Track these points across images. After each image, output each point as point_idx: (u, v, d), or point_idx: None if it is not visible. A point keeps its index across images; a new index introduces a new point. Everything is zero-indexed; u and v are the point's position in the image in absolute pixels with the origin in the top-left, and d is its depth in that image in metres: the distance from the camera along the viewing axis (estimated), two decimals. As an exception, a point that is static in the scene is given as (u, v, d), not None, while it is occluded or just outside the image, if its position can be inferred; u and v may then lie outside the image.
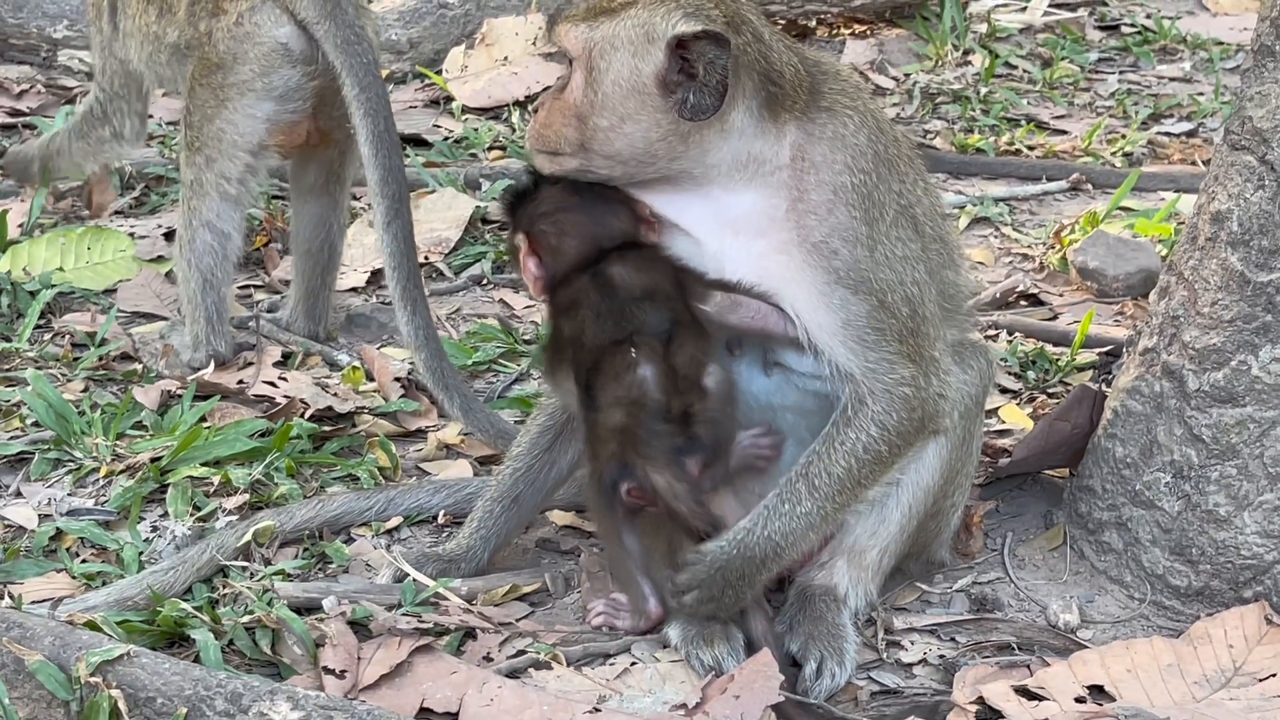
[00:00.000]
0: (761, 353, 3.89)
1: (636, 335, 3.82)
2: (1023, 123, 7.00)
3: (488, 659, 3.87)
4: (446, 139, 6.67)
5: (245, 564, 4.15)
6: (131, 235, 5.79)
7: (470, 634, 3.94)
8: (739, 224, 3.79)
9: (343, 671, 3.74)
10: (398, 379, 5.00)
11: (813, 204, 3.76)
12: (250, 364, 5.10)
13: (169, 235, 5.83)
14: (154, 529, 4.36)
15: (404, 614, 3.93)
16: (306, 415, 4.78)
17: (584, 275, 3.87)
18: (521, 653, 3.89)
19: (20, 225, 5.77)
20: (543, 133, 3.83)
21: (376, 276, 5.69)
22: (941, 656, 3.94)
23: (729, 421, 3.85)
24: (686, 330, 3.84)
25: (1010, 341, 5.30)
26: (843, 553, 3.99)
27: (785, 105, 3.77)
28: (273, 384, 4.95)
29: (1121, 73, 7.58)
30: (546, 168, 3.89)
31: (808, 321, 3.79)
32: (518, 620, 4.03)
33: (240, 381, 4.96)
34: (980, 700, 3.75)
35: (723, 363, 3.88)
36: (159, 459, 4.55)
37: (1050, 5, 8.05)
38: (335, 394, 4.92)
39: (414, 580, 4.04)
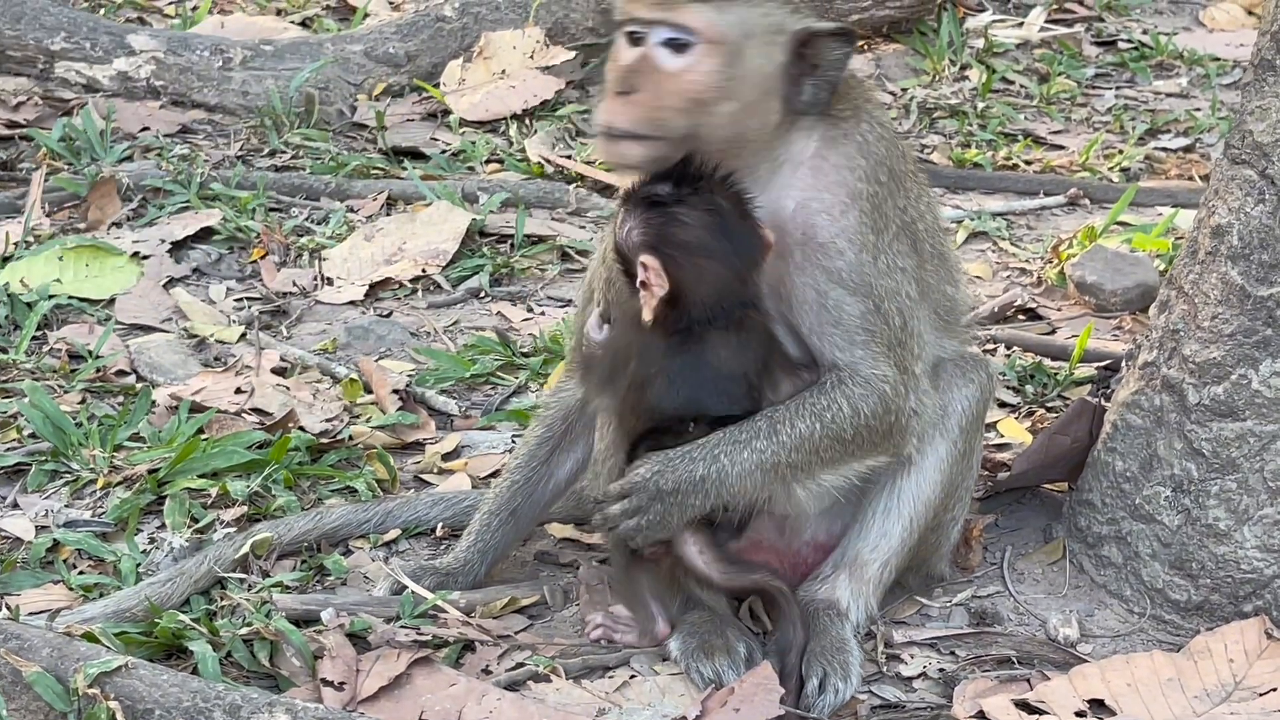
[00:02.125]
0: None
1: (699, 419, 3.79)
2: (1020, 138, 7.00)
3: (486, 671, 3.86)
4: (444, 152, 6.67)
5: (243, 576, 4.14)
6: (137, 254, 5.77)
7: (469, 646, 3.93)
8: None
9: (341, 684, 3.74)
10: (395, 391, 4.99)
11: (826, 204, 3.78)
12: (249, 367, 5.10)
13: (173, 249, 5.82)
14: (151, 541, 4.35)
15: (402, 626, 3.93)
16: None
17: (679, 333, 3.76)
18: (520, 665, 3.89)
19: (15, 244, 5.75)
20: (651, 116, 3.71)
21: (375, 289, 5.69)
22: (941, 670, 3.94)
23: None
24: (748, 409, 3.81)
25: (1009, 356, 5.30)
26: (844, 566, 3.99)
27: (835, 109, 3.83)
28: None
29: (1118, 88, 7.58)
30: (633, 154, 3.75)
31: (801, 317, 3.80)
32: (516, 633, 4.02)
33: (238, 390, 4.95)
34: (980, 714, 3.75)
35: None
36: (156, 471, 4.54)
37: (1047, 21, 8.05)
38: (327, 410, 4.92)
39: (412, 593, 4.03)
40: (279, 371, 5.15)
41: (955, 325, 4.10)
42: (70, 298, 5.51)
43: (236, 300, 5.63)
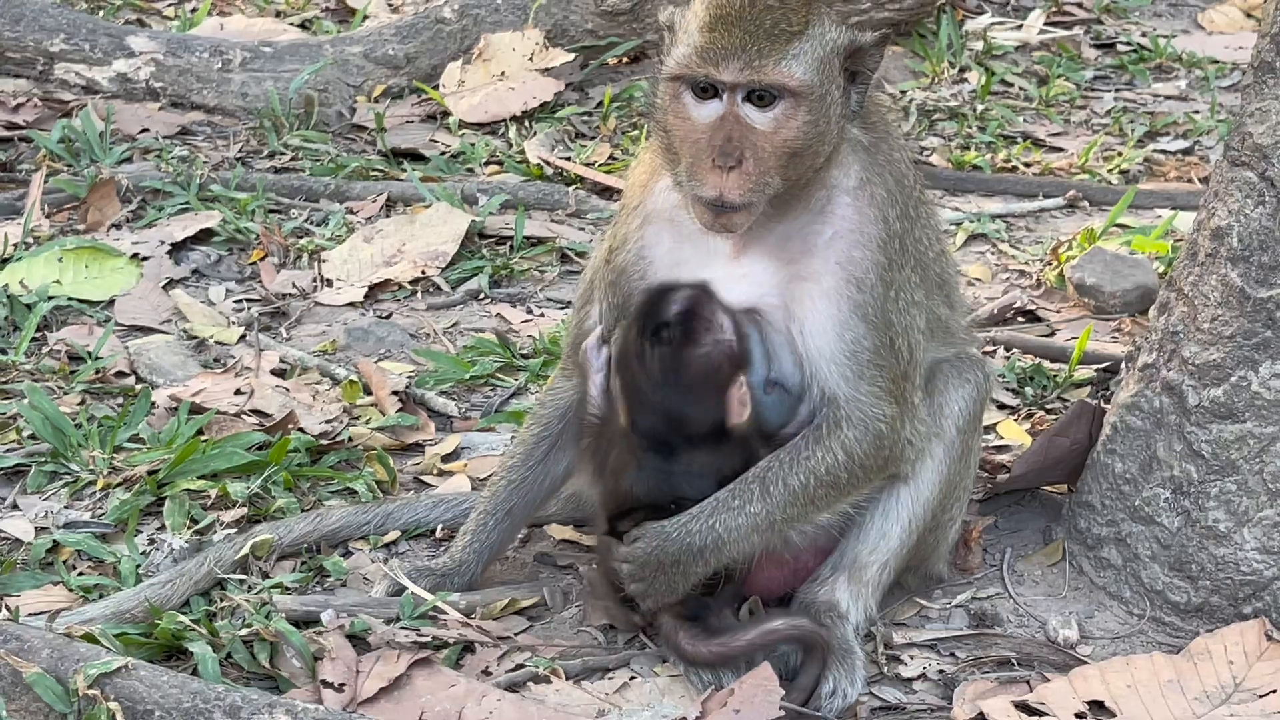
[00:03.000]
0: (764, 372, 3.89)
1: (680, 502, 3.83)
2: (1019, 140, 7.00)
3: (486, 673, 3.86)
4: (443, 154, 6.67)
5: (243, 577, 4.14)
6: (136, 255, 5.77)
7: (469, 648, 3.93)
8: (774, 248, 3.80)
9: (341, 685, 3.74)
10: (395, 393, 4.99)
11: (867, 237, 3.78)
12: (249, 369, 5.10)
13: (172, 250, 5.82)
14: (151, 542, 4.35)
15: (402, 628, 3.93)
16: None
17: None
18: (520, 666, 3.89)
19: (15, 245, 5.75)
20: (761, 182, 3.68)
21: (375, 291, 5.69)
22: (941, 672, 3.94)
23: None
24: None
25: (1008, 357, 5.30)
26: (844, 568, 3.99)
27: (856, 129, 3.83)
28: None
29: (1117, 90, 7.58)
30: (742, 222, 3.73)
31: (811, 345, 3.80)
32: (516, 634, 4.03)
33: (238, 392, 4.95)
34: (980, 716, 3.75)
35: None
36: (156, 472, 4.54)
37: (1046, 23, 8.05)
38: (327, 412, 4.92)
39: (412, 594, 4.03)
40: (278, 373, 5.15)
41: (950, 337, 4.10)
42: (70, 299, 5.51)
43: (236, 302, 5.63)
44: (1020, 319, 5.64)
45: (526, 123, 6.91)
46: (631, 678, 3.89)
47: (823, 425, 3.82)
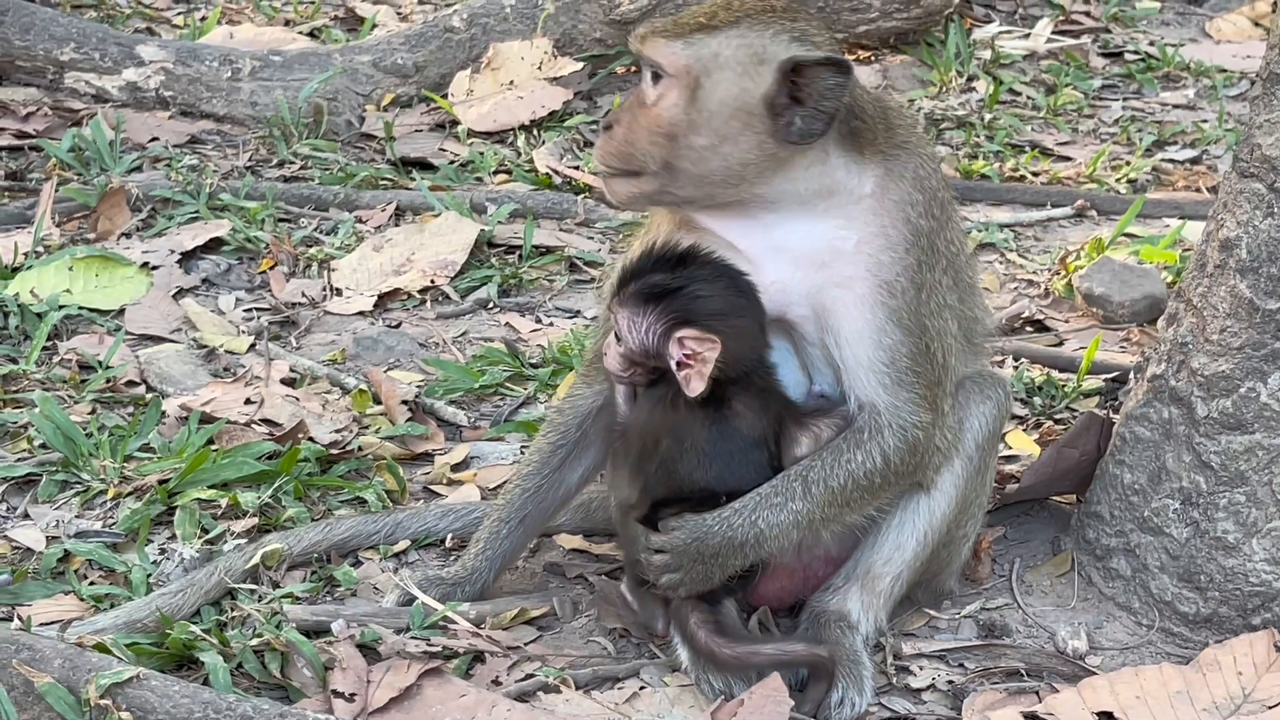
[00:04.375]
0: (806, 384, 3.92)
1: (733, 493, 3.83)
2: (1027, 149, 7.01)
3: (496, 682, 3.87)
4: (452, 163, 6.68)
5: (253, 587, 4.15)
6: (146, 264, 5.78)
7: (479, 657, 3.94)
8: (802, 255, 3.80)
9: (352, 695, 3.74)
10: (404, 402, 5.00)
11: (891, 240, 3.78)
12: (259, 378, 5.11)
13: (182, 259, 5.83)
14: (162, 551, 4.36)
15: (413, 637, 3.93)
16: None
17: (710, 403, 3.81)
18: (530, 676, 3.90)
19: (25, 254, 5.77)
20: (624, 150, 3.78)
21: (384, 300, 5.70)
22: (950, 682, 3.95)
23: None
24: (757, 464, 3.87)
25: (1016, 367, 5.31)
26: (856, 579, 3.99)
27: (866, 139, 3.80)
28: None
29: (1125, 99, 7.59)
30: (621, 190, 3.84)
31: (847, 354, 3.80)
32: (526, 644, 4.03)
33: (248, 401, 4.96)
34: (990, 727, 3.75)
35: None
36: (167, 481, 4.55)
37: (1054, 32, 8.05)
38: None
39: (422, 603, 4.04)
40: (288, 382, 5.16)
41: (980, 347, 4.12)
42: (80, 308, 5.52)
43: (246, 311, 5.64)
44: (1028, 329, 5.64)
45: (535, 131, 6.92)
46: (641, 687, 3.90)
47: (865, 430, 3.82)
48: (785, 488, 3.80)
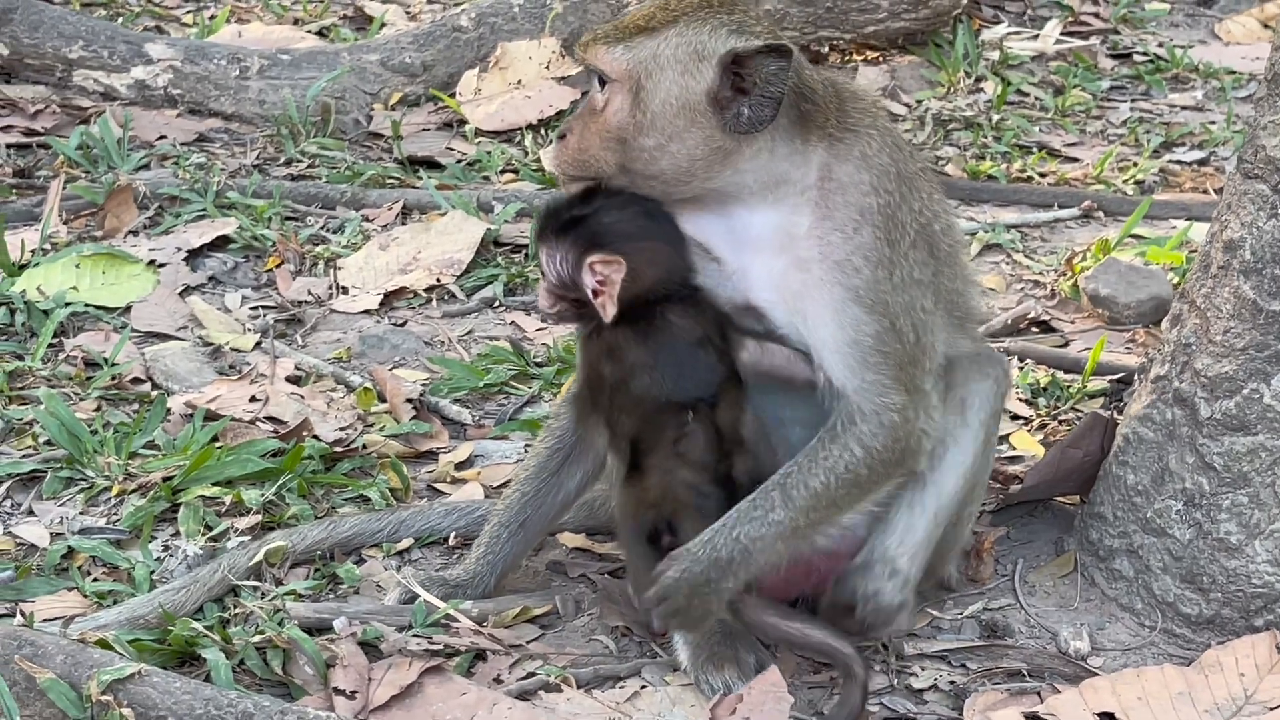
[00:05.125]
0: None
1: (695, 406, 3.82)
2: (1035, 150, 7.00)
3: (498, 681, 3.88)
4: (459, 162, 6.69)
5: (256, 584, 4.15)
6: (153, 262, 5.80)
7: (480, 656, 3.94)
8: (760, 242, 3.80)
9: (353, 692, 3.75)
10: (409, 400, 5.01)
11: (838, 221, 3.77)
12: (264, 376, 5.12)
13: (189, 257, 5.84)
14: (165, 548, 4.36)
15: (414, 635, 3.94)
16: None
17: (640, 320, 3.84)
18: (531, 675, 3.90)
19: (32, 251, 5.78)
20: (578, 157, 3.81)
21: (390, 299, 5.70)
22: (952, 683, 3.95)
23: (769, 468, 3.85)
24: (728, 384, 3.86)
25: (1021, 368, 5.30)
26: (872, 564, 3.95)
27: (815, 123, 3.79)
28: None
29: (1133, 101, 7.58)
30: None
31: (814, 336, 3.79)
32: (528, 642, 4.04)
33: (253, 398, 4.97)
34: (991, 727, 3.75)
35: (754, 409, 3.89)
36: (171, 478, 4.56)
37: (1063, 33, 8.05)
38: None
39: (424, 601, 4.04)
40: (293, 380, 5.17)
41: (968, 323, 4.09)
42: (86, 305, 5.53)
43: (252, 308, 5.65)
44: (1034, 329, 5.64)
45: (542, 131, 6.92)
46: (643, 686, 3.90)
47: (837, 422, 3.81)
48: (764, 499, 3.77)
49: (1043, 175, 6.79)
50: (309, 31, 7.98)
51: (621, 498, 3.94)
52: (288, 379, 5.16)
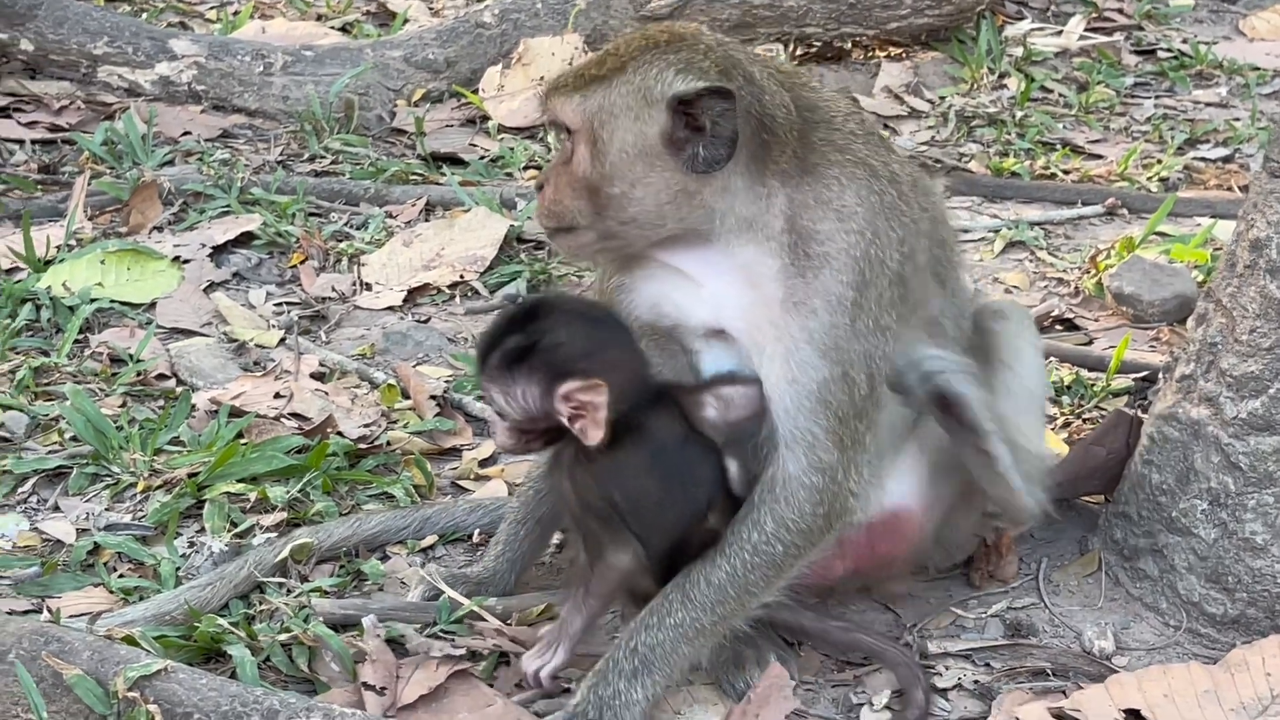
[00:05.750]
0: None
1: (711, 505, 3.74)
2: (1058, 147, 6.99)
3: (519, 686, 3.86)
4: (482, 158, 6.69)
5: (282, 580, 4.16)
6: (177, 258, 5.81)
7: (504, 659, 3.94)
8: (737, 273, 3.75)
9: (382, 688, 3.76)
10: (433, 397, 5.02)
11: (801, 268, 3.70)
12: (288, 372, 5.13)
13: (214, 253, 5.86)
14: (191, 545, 4.38)
15: (440, 633, 3.94)
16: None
17: (623, 435, 3.68)
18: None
19: (58, 247, 5.80)
20: (554, 209, 3.77)
21: (413, 295, 5.71)
22: (976, 682, 3.94)
23: None
24: (704, 457, 3.76)
25: (1045, 366, 5.28)
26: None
27: (773, 158, 3.71)
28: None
29: (1157, 97, 7.56)
30: (565, 246, 3.86)
31: (765, 371, 3.73)
32: (551, 640, 4.03)
33: (278, 395, 4.98)
34: (1016, 724, 3.76)
35: (736, 457, 3.80)
36: (196, 475, 4.57)
37: (1086, 29, 8.03)
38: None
39: (448, 599, 4.04)
40: (318, 376, 5.18)
41: (943, 332, 4.04)
42: (111, 301, 5.55)
43: (276, 305, 5.66)
44: (1058, 327, 5.63)
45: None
46: (666, 685, 3.90)
47: (755, 494, 3.73)
48: (660, 605, 3.69)
49: (1066, 172, 6.78)
50: (332, 27, 8.00)
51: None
52: (312, 375, 5.18)
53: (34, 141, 6.71)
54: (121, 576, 4.25)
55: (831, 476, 3.72)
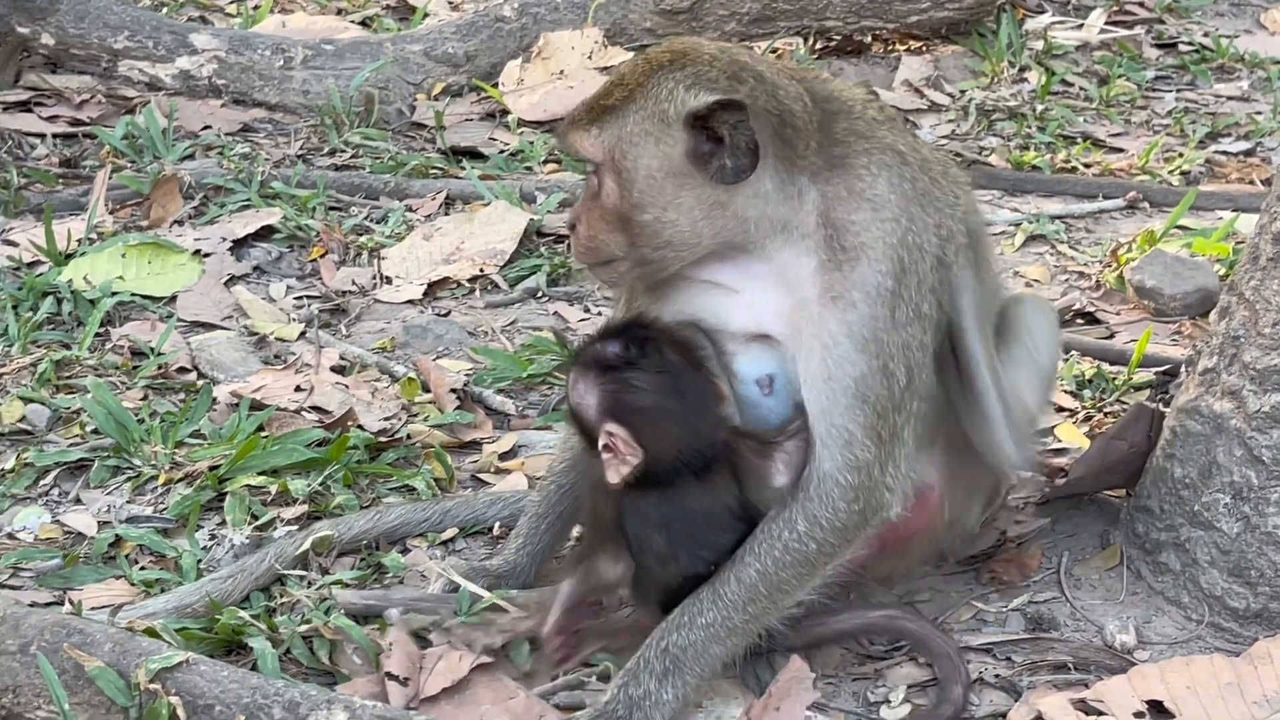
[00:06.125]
0: (769, 378, 3.84)
1: (717, 560, 3.72)
2: (1079, 140, 6.98)
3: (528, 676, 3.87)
4: (502, 152, 6.69)
5: (303, 573, 4.17)
6: (198, 251, 5.82)
7: (533, 643, 3.94)
8: (773, 279, 3.74)
9: (406, 679, 3.76)
10: (453, 390, 5.02)
11: (838, 261, 3.68)
12: (309, 365, 5.14)
13: (234, 247, 5.87)
14: (212, 537, 4.39)
15: (461, 625, 3.95)
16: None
17: (652, 486, 3.70)
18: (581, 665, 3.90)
19: (79, 241, 5.81)
20: (590, 245, 3.75)
21: (433, 289, 5.71)
22: (998, 676, 3.94)
23: None
24: (727, 529, 3.75)
25: (1067, 360, 5.28)
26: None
27: (800, 153, 3.69)
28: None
29: (1179, 91, 7.54)
30: (605, 278, 3.85)
31: (803, 369, 3.71)
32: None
33: (298, 388, 4.99)
34: (1039, 717, 3.74)
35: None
36: (217, 467, 4.58)
37: (1107, 23, 8.01)
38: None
39: (469, 591, 4.04)
40: (338, 370, 5.19)
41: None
42: (132, 295, 5.56)
43: (296, 298, 5.67)
44: (1079, 321, 5.62)
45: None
46: (687, 677, 3.90)
47: (790, 493, 3.71)
48: (692, 603, 3.68)
49: (1087, 166, 6.76)
50: (352, 21, 8.00)
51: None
52: (332, 369, 5.18)
53: (55, 135, 6.73)
54: (143, 569, 4.26)
55: (868, 473, 3.69)
